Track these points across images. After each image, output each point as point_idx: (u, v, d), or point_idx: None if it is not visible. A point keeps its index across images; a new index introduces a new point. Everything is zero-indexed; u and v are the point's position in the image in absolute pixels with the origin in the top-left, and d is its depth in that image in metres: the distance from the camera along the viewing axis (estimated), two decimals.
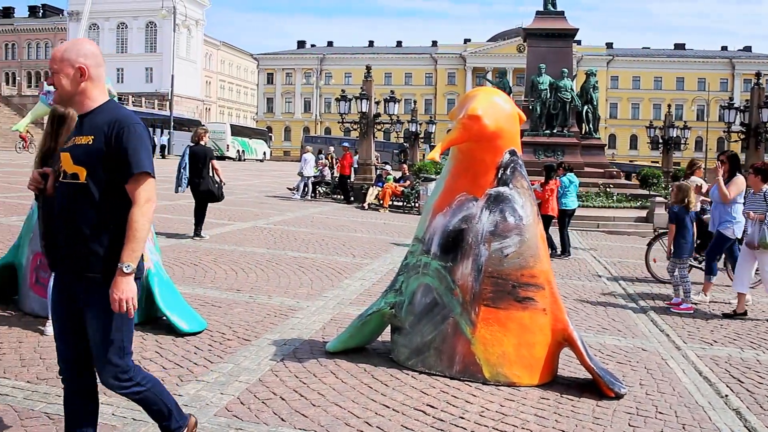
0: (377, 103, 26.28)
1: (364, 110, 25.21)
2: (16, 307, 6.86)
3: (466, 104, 5.65)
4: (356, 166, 26.91)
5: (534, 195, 6.13)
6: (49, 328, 6.09)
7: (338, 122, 27.80)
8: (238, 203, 20.65)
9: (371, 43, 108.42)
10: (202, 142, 12.97)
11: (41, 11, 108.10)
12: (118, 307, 3.20)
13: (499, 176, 5.67)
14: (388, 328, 6.14)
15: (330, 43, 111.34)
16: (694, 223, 9.51)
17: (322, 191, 26.47)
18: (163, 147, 58.09)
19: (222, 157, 63.94)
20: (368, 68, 26.61)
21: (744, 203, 9.34)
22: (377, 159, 29.54)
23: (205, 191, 12.73)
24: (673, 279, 9.40)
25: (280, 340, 6.35)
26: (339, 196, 25.33)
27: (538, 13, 28.31)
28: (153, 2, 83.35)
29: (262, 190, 27.81)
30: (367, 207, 22.30)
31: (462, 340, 5.56)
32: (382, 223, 17.90)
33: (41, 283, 6.57)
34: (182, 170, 12.68)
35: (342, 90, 29.47)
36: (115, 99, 6.88)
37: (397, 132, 31.54)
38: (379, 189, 22.94)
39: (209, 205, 13.09)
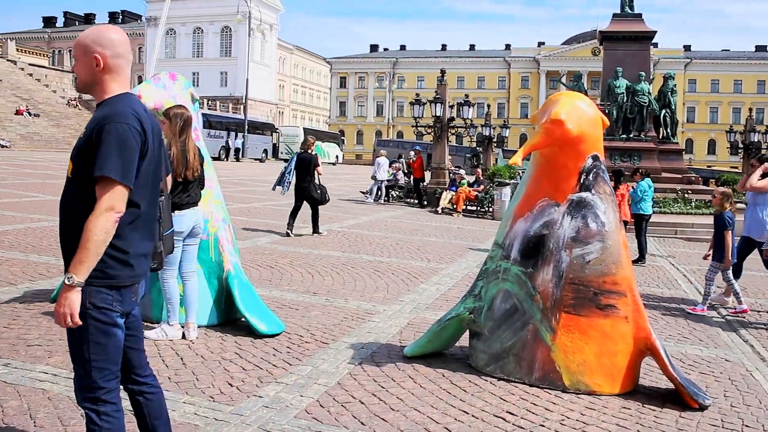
0: (451, 106, 26.24)
1: (438, 114, 25.20)
2: None
3: (549, 108, 5.60)
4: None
5: (616, 201, 6.03)
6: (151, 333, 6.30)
7: (412, 126, 27.89)
8: (306, 207, 20.83)
9: (444, 47, 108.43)
10: (309, 150, 14.28)
11: (120, 17, 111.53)
12: (59, 321, 2.92)
13: (582, 181, 5.60)
14: (467, 334, 6.13)
15: (403, 47, 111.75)
16: None
17: (395, 195, 26.56)
18: (237, 150, 59.04)
19: None
20: (442, 72, 26.60)
21: None
22: (450, 163, 29.49)
23: (308, 196, 14.13)
24: (706, 285, 9.26)
25: (358, 344, 6.40)
26: (412, 200, 25.37)
27: (614, 15, 27.81)
28: (228, 7, 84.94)
29: (336, 193, 27.94)
30: (440, 211, 22.27)
31: (542, 347, 5.51)
32: (456, 228, 17.86)
33: None
34: (287, 174, 13.97)
35: (416, 94, 29.55)
36: (197, 104, 7.07)
37: (470, 136, 31.39)
38: (453, 193, 22.88)
39: (294, 206, 14.30)
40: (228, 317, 6.79)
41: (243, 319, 6.59)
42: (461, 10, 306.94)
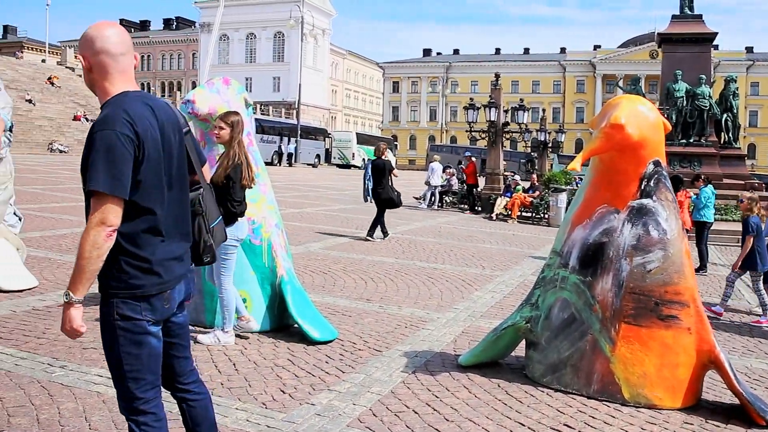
0: (505, 111, 26.03)
1: (492, 119, 24.99)
2: None
3: (609, 112, 5.47)
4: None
5: (678, 208, 5.86)
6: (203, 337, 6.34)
7: (465, 131, 27.65)
8: (364, 211, 20.88)
9: (498, 51, 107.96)
10: (383, 156, 14.87)
11: (174, 23, 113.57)
12: (69, 336, 2.91)
13: (642, 188, 5.46)
14: (523, 343, 6.03)
15: (456, 51, 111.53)
16: None
17: (449, 201, 26.44)
18: (290, 155, 59.43)
19: (348, 165, 65.02)
20: (497, 76, 26.42)
21: None
22: (505, 168, 29.26)
23: (386, 199, 14.52)
24: (726, 288, 9.23)
25: (411, 352, 6.35)
26: (465, 206, 25.22)
27: (674, 17, 27.26)
28: (281, 13, 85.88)
29: None
30: (495, 217, 22.09)
31: (601, 358, 5.38)
32: (511, 234, 17.68)
33: None
34: (366, 182, 14.30)
35: (470, 98, 29.38)
36: (251, 109, 7.09)
37: (525, 141, 31.06)
38: (508, 199, 22.68)
39: (377, 213, 14.47)
40: (281, 323, 6.81)
41: (296, 325, 6.60)
42: (515, 14, 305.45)
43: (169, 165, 3.03)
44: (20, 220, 8.78)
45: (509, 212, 22.28)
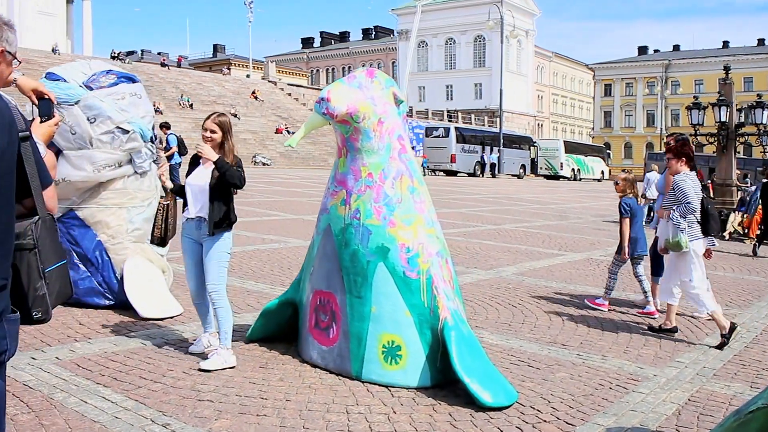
0: (739, 110, 23.33)
1: (722, 119, 22.43)
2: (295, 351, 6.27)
3: None
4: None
5: None
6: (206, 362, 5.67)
7: (690, 135, 25.17)
8: (571, 229, 19.30)
9: (725, 44, 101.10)
10: None
11: (373, 33, 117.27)
12: None
13: None
14: None
15: (676, 47, 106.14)
16: None
17: None
18: (492, 165, 58.59)
19: (556, 176, 63.09)
20: (726, 69, 23.69)
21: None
22: (738, 178, 26.39)
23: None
24: (609, 278, 9.07)
25: (617, 428, 4.92)
26: None
27: None
28: (481, 16, 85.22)
29: (600, 213, 26.12)
30: (728, 237, 19.59)
31: None
32: (749, 260, 15.28)
33: (321, 328, 5.85)
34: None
35: (695, 97, 26.76)
36: (403, 106, 5.98)
37: (763, 145, 27.92)
38: (744, 215, 20.09)
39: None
40: (444, 378, 5.57)
41: (462, 384, 5.32)
42: (744, 3, 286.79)
43: None
44: None
45: (746, 231, 19.68)
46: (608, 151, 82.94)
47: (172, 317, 7.31)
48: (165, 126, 22.05)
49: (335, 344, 5.73)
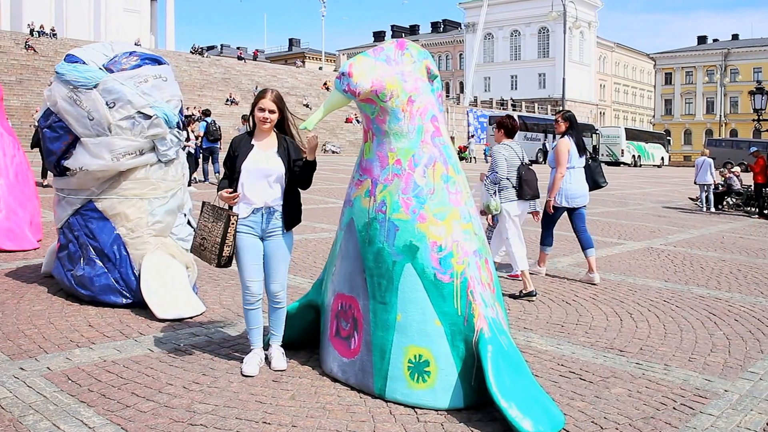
0: None
1: None
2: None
3: None
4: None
5: None
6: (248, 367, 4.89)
7: (753, 121, 23.45)
8: (630, 216, 17.96)
9: None
10: None
11: (442, 26, 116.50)
12: None
13: None
14: None
15: (735, 36, 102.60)
16: None
17: (731, 203, 22.45)
18: None
19: (616, 163, 61.29)
20: None
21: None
22: None
23: None
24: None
25: None
26: (754, 209, 21.15)
27: None
28: (545, 8, 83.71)
29: (660, 200, 24.60)
30: None
31: None
32: None
33: (342, 337, 4.87)
34: None
35: (758, 81, 24.93)
36: (439, 82, 4.95)
37: None
38: None
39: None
40: (479, 399, 4.51)
41: (499, 408, 4.24)
42: None
43: None
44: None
45: None
46: (668, 137, 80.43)
47: (191, 318, 6.41)
48: (205, 113, 21.51)
49: (357, 356, 4.69)
